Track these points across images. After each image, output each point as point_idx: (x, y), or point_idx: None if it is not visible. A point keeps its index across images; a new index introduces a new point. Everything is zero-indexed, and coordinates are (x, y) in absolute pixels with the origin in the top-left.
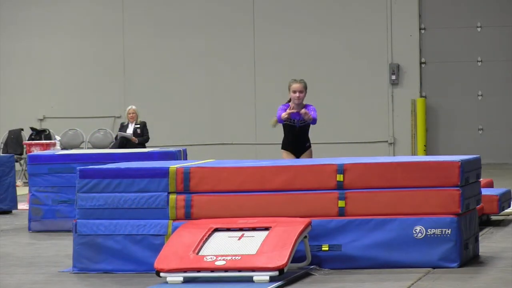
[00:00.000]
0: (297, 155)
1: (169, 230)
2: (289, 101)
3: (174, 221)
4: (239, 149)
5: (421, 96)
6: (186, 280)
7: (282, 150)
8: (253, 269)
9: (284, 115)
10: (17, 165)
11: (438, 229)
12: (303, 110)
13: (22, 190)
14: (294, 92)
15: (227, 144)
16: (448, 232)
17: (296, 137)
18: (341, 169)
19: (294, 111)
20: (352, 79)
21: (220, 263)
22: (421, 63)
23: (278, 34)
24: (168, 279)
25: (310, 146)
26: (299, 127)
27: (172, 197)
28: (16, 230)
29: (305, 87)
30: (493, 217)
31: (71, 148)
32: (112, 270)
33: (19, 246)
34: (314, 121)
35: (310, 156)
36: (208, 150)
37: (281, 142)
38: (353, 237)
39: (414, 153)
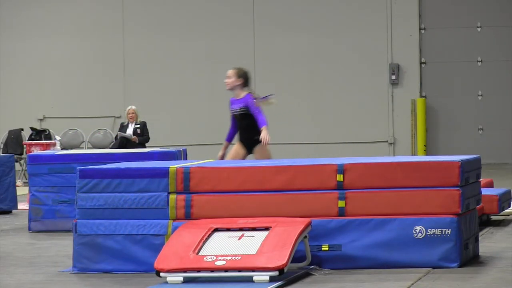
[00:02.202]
0: (249, 150)
1: (169, 230)
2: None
3: (174, 221)
4: None
5: (421, 96)
6: (186, 280)
7: (238, 142)
8: (253, 269)
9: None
10: (17, 165)
11: (438, 229)
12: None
13: (22, 190)
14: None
15: None
16: (448, 232)
17: (241, 128)
18: (341, 169)
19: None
20: (352, 79)
21: (220, 263)
22: (421, 63)
23: (278, 34)
24: (168, 279)
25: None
26: (240, 115)
27: (172, 197)
28: (16, 230)
29: (236, 74)
30: (493, 217)
31: (71, 148)
32: (112, 270)
33: (19, 246)
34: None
35: (261, 152)
36: (208, 150)
37: (281, 142)
38: (353, 237)
39: (414, 153)
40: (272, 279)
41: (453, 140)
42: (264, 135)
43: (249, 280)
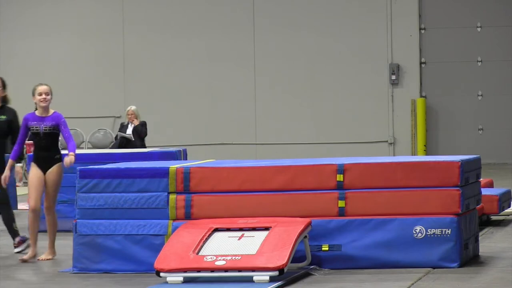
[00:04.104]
0: (45, 170)
1: (169, 230)
2: (36, 109)
3: (174, 221)
4: (239, 149)
5: (421, 96)
6: (186, 280)
7: (32, 164)
8: (253, 269)
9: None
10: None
11: (438, 229)
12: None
13: (22, 190)
14: (40, 94)
15: (227, 144)
16: (448, 232)
17: (41, 147)
18: (341, 169)
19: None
20: (352, 79)
21: (220, 263)
22: (421, 63)
23: (278, 34)
24: (168, 279)
25: (60, 159)
26: (44, 133)
27: (172, 197)
28: None
29: (51, 92)
30: (493, 217)
31: None
32: (112, 270)
33: None
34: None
35: (59, 171)
36: (208, 150)
37: (280, 142)
38: (353, 237)
39: (414, 153)
40: (272, 279)
41: (453, 140)
42: (72, 159)
43: (249, 280)
